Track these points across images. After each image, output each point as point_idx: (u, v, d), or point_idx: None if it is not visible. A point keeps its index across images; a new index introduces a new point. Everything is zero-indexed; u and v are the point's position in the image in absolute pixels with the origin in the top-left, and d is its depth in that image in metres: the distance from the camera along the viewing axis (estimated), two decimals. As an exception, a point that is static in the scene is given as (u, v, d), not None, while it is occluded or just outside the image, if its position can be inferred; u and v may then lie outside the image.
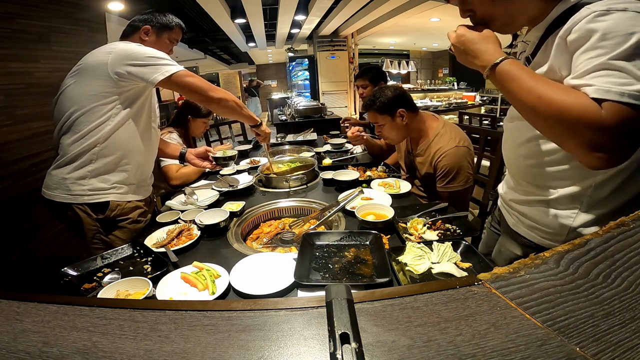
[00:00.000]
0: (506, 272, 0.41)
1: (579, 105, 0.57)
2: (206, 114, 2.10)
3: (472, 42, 0.74)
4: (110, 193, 1.25)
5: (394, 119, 1.55)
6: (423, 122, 1.58)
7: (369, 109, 1.60)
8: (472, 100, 7.79)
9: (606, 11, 0.59)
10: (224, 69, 14.79)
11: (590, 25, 0.60)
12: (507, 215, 0.98)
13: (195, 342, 0.34)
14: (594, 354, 0.30)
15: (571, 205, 0.78)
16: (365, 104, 1.63)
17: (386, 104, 1.54)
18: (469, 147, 1.48)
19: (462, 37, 0.76)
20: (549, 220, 0.82)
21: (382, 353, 0.32)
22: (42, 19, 2.16)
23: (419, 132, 1.59)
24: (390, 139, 1.66)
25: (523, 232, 0.90)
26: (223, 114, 1.37)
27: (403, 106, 1.53)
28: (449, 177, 1.45)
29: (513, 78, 0.67)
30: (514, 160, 0.91)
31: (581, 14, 0.62)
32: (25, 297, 0.42)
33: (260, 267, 0.95)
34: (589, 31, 0.60)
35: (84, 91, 1.18)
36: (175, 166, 1.81)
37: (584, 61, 0.60)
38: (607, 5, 0.59)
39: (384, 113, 1.55)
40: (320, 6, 5.68)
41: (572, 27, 0.63)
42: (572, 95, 0.59)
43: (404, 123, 1.55)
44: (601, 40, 0.58)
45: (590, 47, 0.60)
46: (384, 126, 1.59)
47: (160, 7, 1.49)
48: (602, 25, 0.58)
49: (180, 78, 1.20)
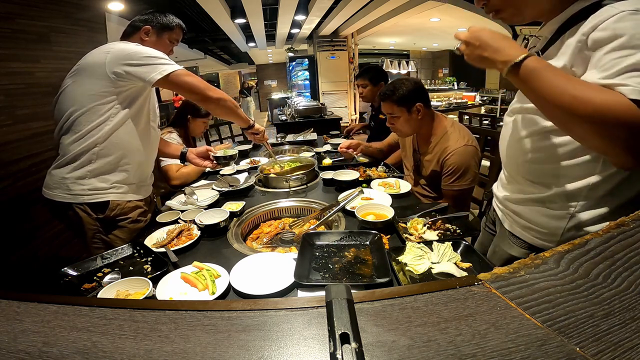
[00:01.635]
0: (506, 272, 0.41)
1: (617, 105, 0.56)
2: (206, 114, 2.10)
3: (490, 38, 0.70)
4: (110, 193, 1.25)
5: (410, 113, 1.53)
6: (434, 120, 1.58)
7: (387, 99, 1.56)
8: (472, 100, 7.79)
9: (635, 11, 0.58)
10: (224, 69, 14.80)
11: (619, 24, 0.59)
12: (501, 215, 0.97)
13: (195, 342, 0.34)
14: (594, 354, 0.30)
15: (566, 205, 0.78)
16: (382, 92, 1.58)
17: (406, 96, 1.51)
18: (476, 147, 1.49)
19: (478, 32, 0.72)
20: (543, 221, 0.82)
21: (382, 353, 0.32)
22: (42, 19, 2.16)
23: (429, 129, 1.58)
24: (401, 132, 1.64)
25: (517, 232, 0.90)
26: (220, 114, 1.36)
27: (421, 100, 1.52)
28: (456, 175, 1.46)
29: (541, 77, 0.63)
30: (512, 156, 0.90)
31: (607, 13, 0.61)
32: (25, 297, 0.42)
33: (260, 267, 0.95)
34: (617, 30, 0.59)
35: (82, 91, 1.18)
36: (176, 166, 1.82)
37: (612, 60, 0.59)
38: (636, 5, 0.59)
39: (402, 105, 1.53)
40: (320, 6, 5.68)
41: (597, 24, 0.62)
42: (607, 94, 0.58)
43: (419, 118, 1.53)
44: (631, 39, 0.57)
45: (618, 46, 0.59)
46: (399, 118, 1.57)
47: (161, 7, 1.49)
48: (631, 24, 0.58)
49: (177, 77, 1.20)
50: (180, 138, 2.00)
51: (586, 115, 0.59)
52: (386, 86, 1.59)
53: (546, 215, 0.81)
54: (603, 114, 0.57)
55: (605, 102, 0.57)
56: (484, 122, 3.79)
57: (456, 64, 11.66)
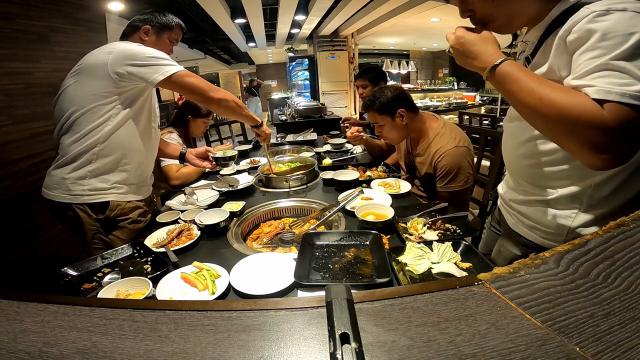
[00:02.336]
0: (506, 272, 0.41)
1: (580, 106, 0.57)
2: (206, 114, 2.10)
3: (471, 43, 0.74)
4: (110, 193, 1.25)
5: (394, 120, 1.55)
6: (423, 122, 1.58)
7: (369, 109, 1.59)
8: (472, 100, 7.79)
9: (606, 11, 0.58)
10: (224, 69, 14.78)
11: (590, 25, 0.60)
12: (507, 215, 0.98)
13: (195, 342, 0.34)
14: (594, 354, 0.30)
15: (571, 205, 0.78)
16: (364, 104, 1.63)
17: (386, 104, 1.53)
18: (468, 147, 1.48)
19: (461, 38, 0.75)
20: (548, 221, 0.82)
21: (382, 353, 0.32)
22: (42, 19, 2.16)
23: (419, 132, 1.59)
24: (390, 139, 1.65)
25: (523, 232, 0.90)
26: (223, 114, 1.37)
27: (403, 106, 1.53)
28: (449, 177, 1.45)
29: (513, 80, 0.66)
30: (514, 160, 0.91)
31: (580, 14, 0.62)
32: (25, 297, 0.42)
33: (260, 267, 0.95)
34: (589, 31, 0.60)
35: (84, 91, 1.18)
36: (175, 166, 1.81)
37: (584, 62, 0.60)
38: (607, 5, 0.59)
39: (384, 113, 1.55)
40: (320, 6, 5.68)
41: (571, 27, 0.63)
42: (573, 96, 0.59)
43: (404, 123, 1.54)
44: (601, 40, 0.58)
45: (589, 47, 0.60)
46: (384, 126, 1.59)
47: (160, 7, 1.49)
48: (601, 25, 0.58)
49: (180, 78, 1.20)
50: (181, 138, 1.99)
51: (551, 116, 0.61)
52: (368, 97, 1.62)
53: (551, 215, 0.81)
54: (566, 115, 0.59)
55: (568, 103, 0.59)
56: (484, 122, 3.79)
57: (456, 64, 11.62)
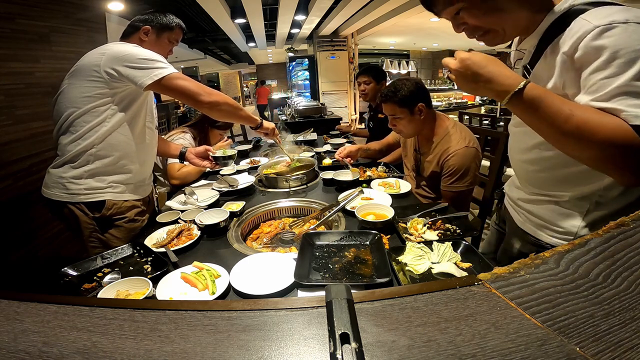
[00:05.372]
0: (506, 272, 0.41)
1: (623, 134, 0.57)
2: (222, 127, 2.10)
3: (480, 65, 0.66)
4: (106, 192, 1.25)
5: (412, 114, 1.52)
6: (435, 120, 1.57)
7: (389, 100, 1.54)
8: (472, 100, 7.80)
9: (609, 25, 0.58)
10: (224, 69, 14.78)
11: (597, 42, 0.59)
12: (514, 214, 0.97)
13: (195, 342, 0.34)
14: (594, 354, 0.30)
15: (580, 204, 0.78)
16: (383, 94, 1.56)
17: (408, 97, 1.49)
18: (477, 148, 1.47)
19: (467, 60, 0.67)
20: (558, 219, 0.82)
21: (382, 353, 0.32)
22: (42, 19, 2.16)
23: (430, 129, 1.57)
24: (404, 132, 1.63)
25: (531, 230, 0.89)
26: (218, 117, 1.34)
27: (423, 101, 1.51)
28: (456, 176, 1.45)
29: (545, 105, 0.62)
30: (521, 166, 0.90)
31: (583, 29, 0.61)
32: (25, 297, 0.42)
33: (260, 267, 0.95)
34: (597, 49, 0.59)
35: (79, 92, 1.17)
36: (177, 165, 1.81)
37: (598, 81, 0.60)
38: (608, 18, 0.59)
39: (404, 106, 1.51)
40: (320, 6, 5.68)
41: (577, 44, 0.62)
42: (611, 120, 0.58)
43: (422, 118, 1.52)
44: (612, 59, 0.58)
45: (601, 66, 0.59)
46: (401, 119, 1.55)
47: (161, 7, 1.49)
48: (608, 42, 0.58)
49: (170, 81, 1.17)
50: (194, 140, 1.98)
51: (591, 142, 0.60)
52: (387, 87, 1.58)
53: (561, 213, 0.81)
54: (608, 142, 0.58)
55: (610, 131, 0.58)
56: (484, 122, 3.80)
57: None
